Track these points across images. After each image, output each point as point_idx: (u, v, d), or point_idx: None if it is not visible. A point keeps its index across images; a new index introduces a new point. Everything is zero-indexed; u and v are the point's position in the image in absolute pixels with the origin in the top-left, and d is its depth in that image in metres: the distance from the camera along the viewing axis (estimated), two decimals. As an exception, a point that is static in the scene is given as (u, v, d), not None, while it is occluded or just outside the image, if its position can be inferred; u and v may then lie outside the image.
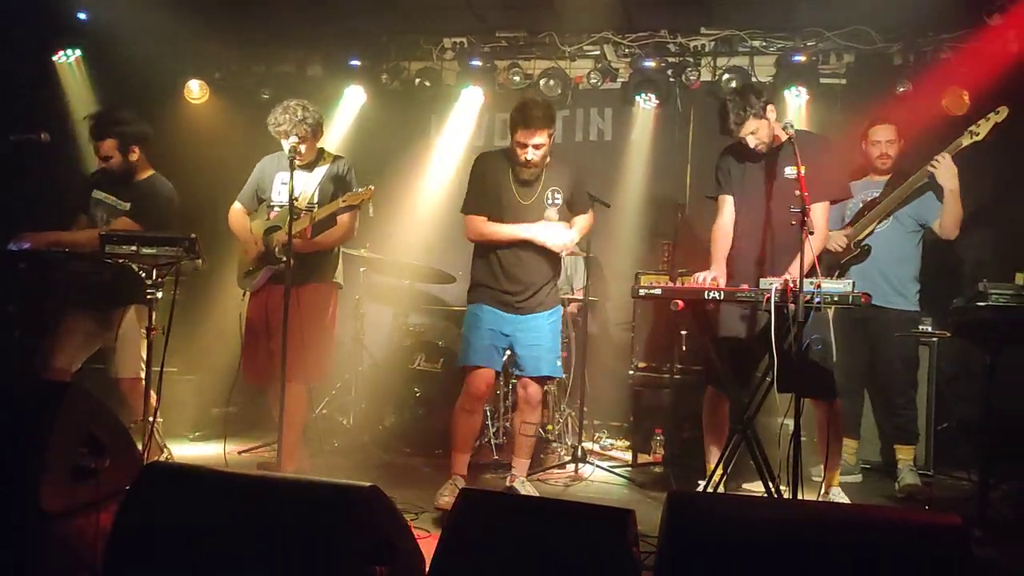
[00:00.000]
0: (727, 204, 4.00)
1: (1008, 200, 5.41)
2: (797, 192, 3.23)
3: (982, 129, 4.30)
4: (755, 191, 3.89)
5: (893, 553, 1.94)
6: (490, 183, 3.94)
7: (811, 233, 3.19)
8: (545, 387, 4.41)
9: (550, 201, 3.92)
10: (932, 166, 4.37)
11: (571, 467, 4.77)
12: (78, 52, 6.37)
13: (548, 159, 3.92)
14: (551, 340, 3.98)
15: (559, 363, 4.06)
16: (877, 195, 4.62)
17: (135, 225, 4.07)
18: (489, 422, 5.01)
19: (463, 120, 6.49)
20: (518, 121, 3.79)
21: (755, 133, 3.74)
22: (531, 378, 3.96)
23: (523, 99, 3.93)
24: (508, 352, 4.02)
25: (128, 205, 4.18)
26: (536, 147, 3.79)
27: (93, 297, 3.93)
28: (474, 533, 2.26)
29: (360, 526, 2.16)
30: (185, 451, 4.96)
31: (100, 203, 4.23)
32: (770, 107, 3.76)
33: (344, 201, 3.97)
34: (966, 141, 4.33)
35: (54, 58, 6.33)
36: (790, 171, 3.72)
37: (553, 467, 4.79)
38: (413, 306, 5.87)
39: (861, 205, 4.67)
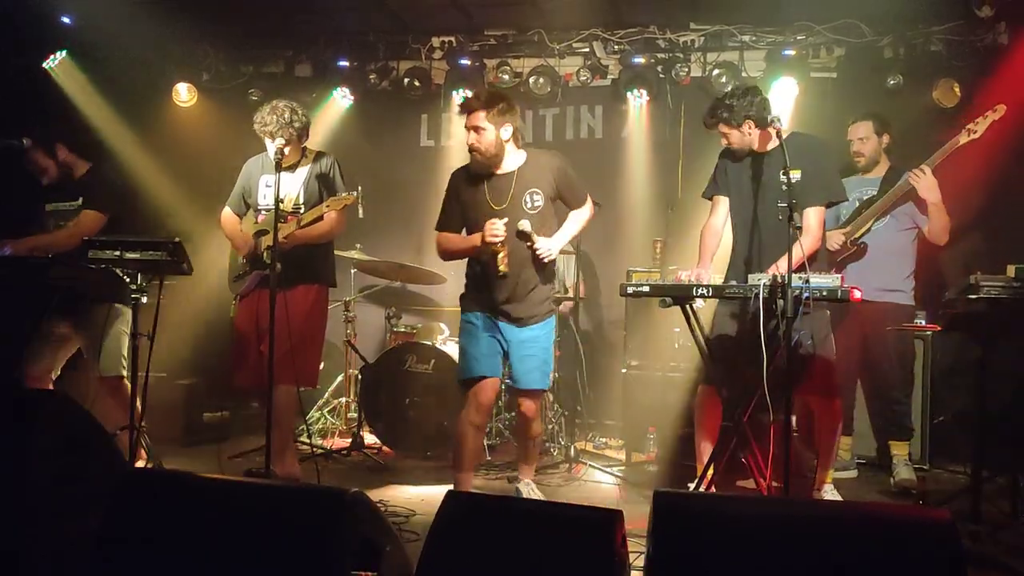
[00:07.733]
0: (721, 205, 3.99)
1: (1005, 195, 5.38)
2: (785, 187, 3.19)
3: (980, 127, 4.26)
4: (747, 191, 3.88)
5: (880, 549, 1.92)
6: (464, 197, 3.82)
7: (798, 228, 3.15)
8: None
9: (529, 205, 3.71)
10: (913, 179, 4.37)
11: (564, 467, 4.73)
12: (64, 54, 6.29)
13: (525, 159, 3.77)
14: (544, 352, 3.82)
15: (549, 377, 3.95)
16: (874, 193, 4.61)
17: (96, 213, 4.06)
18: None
19: (453, 121, 6.44)
20: (460, 109, 3.80)
21: (727, 136, 3.80)
22: (524, 392, 3.83)
23: None
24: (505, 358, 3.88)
25: (79, 201, 4.13)
26: (476, 130, 3.66)
27: (71, 298, 3.88)
28: (460, 535, 2.23)
29: (344, 531, 2.13)
30: (177, 457, 4.91)
31: (52, 213, 4.20)
32: (748, 122, 3.72)
33: (327, 207, 3.94)
34: (963, 139, 4.28)
35: (45, 64, 6.23)
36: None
37: (546, 467, 4.75)
38: (404, 307, 5.85)
39: (858, 204, 4.65)
